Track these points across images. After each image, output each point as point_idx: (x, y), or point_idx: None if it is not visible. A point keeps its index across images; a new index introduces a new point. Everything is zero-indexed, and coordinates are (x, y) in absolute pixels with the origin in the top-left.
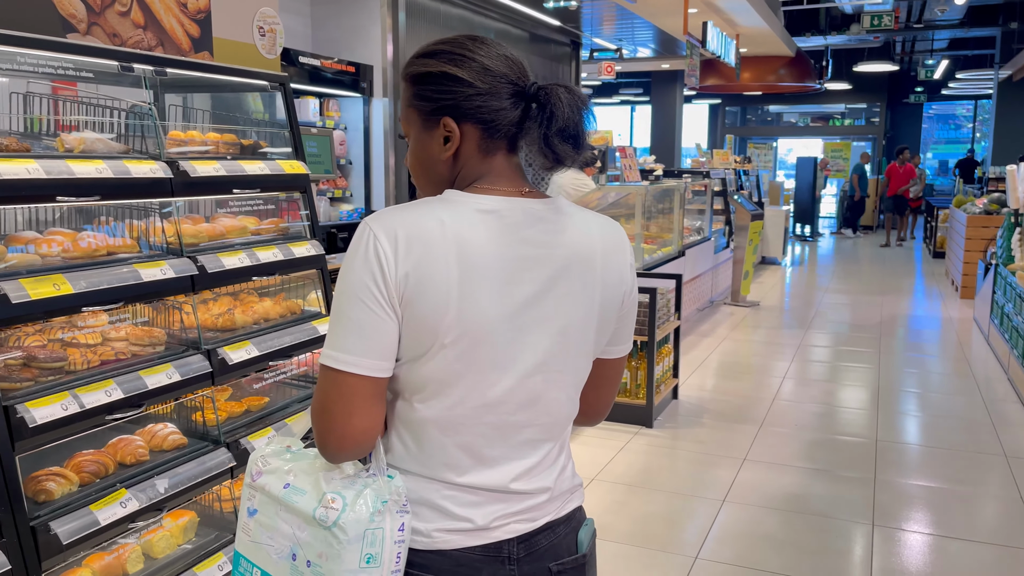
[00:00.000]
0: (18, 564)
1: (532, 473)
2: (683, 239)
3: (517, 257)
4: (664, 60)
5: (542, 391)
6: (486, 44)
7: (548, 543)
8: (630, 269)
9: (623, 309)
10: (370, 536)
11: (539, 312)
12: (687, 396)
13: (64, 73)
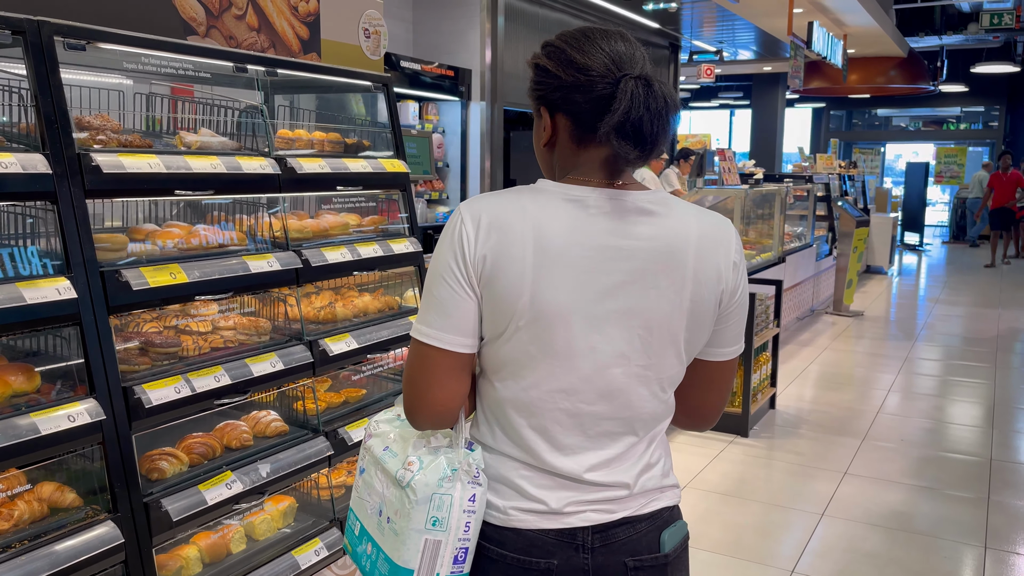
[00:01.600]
0: (131, 538)
1: (610, 465)
2: (783, 245)
3: (601, 246)
4: (766, 62)
5: (623, 384)
6: (590, 37)
7: (626, 537)
8: (733, 268)
9: (724, 309)
10: (437, 500)
11: (621, 304)
12: (785, 406)
13: (184, 74)
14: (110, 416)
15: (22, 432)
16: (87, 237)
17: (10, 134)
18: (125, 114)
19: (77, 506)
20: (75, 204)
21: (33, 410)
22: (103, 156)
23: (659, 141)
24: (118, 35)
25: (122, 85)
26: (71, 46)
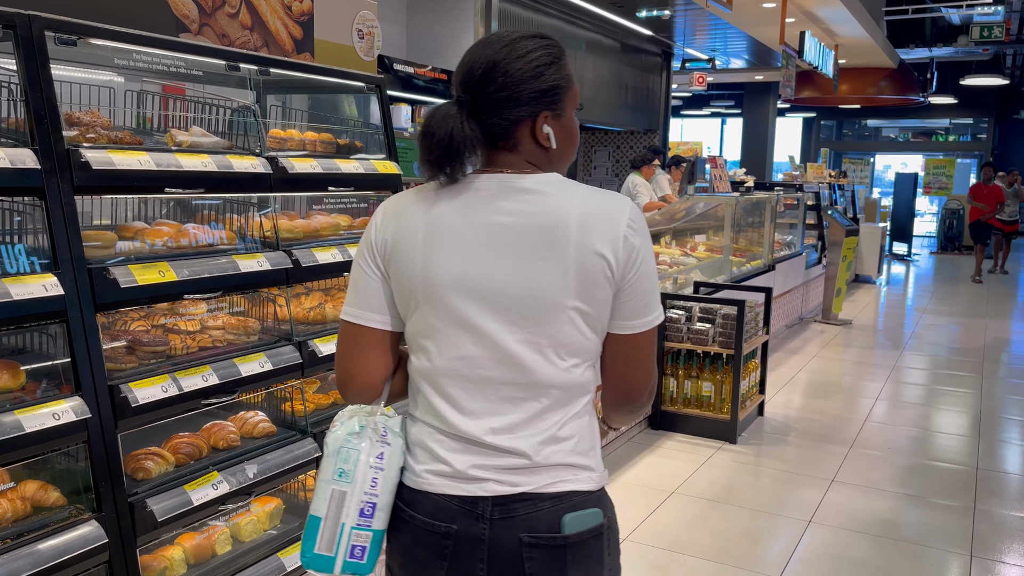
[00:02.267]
0: (115, 538)
1: (513, 431)
2: (773, 253)
3: (485, 223)
4: (758, 71)
5: (516, 350)
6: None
7: (525, 512)
8: (623, 241)
9: (621, 282)
10: (344, 453)
11: (505, 275)
12: (773, 413)
13: (176, 72)
14: (95, 415)
15: (6, 429)
16: (75, 234)
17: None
18: (116, 111)
19: (61, 505)
20: (63, 200)
21: (17, 407)
22: (92, 152)
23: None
24: (110, 31)
25: (113, 82)
26: (62, 41)
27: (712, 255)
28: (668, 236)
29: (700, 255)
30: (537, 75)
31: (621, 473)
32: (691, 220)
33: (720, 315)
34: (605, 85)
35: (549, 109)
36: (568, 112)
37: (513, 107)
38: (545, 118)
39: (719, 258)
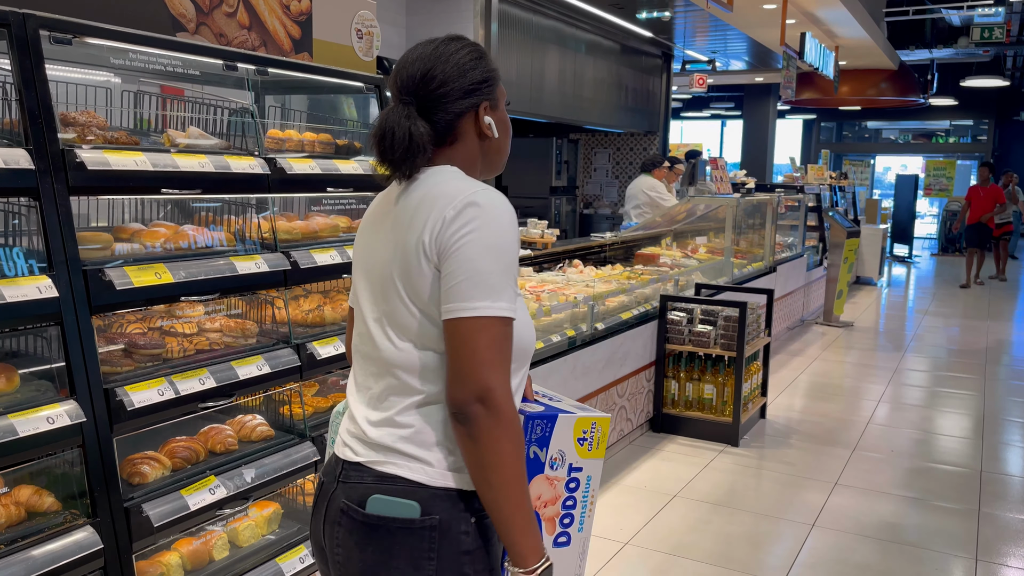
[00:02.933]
0: (111, 544)
1: (369, 404)
2: (774, 255)
3: (386, 212)
4: (758, 73)
5: (372, 328)
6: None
7: (354, 481)
8: (443, 223)
9: (438, 265)
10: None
11: (376, 256)
12: (775, 416)
13: (173, 72)
14: (91, 418)
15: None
16: (70, 235)
17: None
18: (112, 111)
19: (55, 510)
20: (58, 201)
21: (11, 411)
22: (88, 153)
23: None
24: (105, 30)
25: (110, 82)
26: (57, 40)
27: (713, 257)
28: (669, 238)
29: (701, 257)
30: (472, 67)
31: (622, 476)
32: (692, 222)
33: (722, 317)
34: (605, 87)
35: (487, 99)
36: (501, 104)
37: (456, 100)
38: (485, 108)
39: (720, 260)
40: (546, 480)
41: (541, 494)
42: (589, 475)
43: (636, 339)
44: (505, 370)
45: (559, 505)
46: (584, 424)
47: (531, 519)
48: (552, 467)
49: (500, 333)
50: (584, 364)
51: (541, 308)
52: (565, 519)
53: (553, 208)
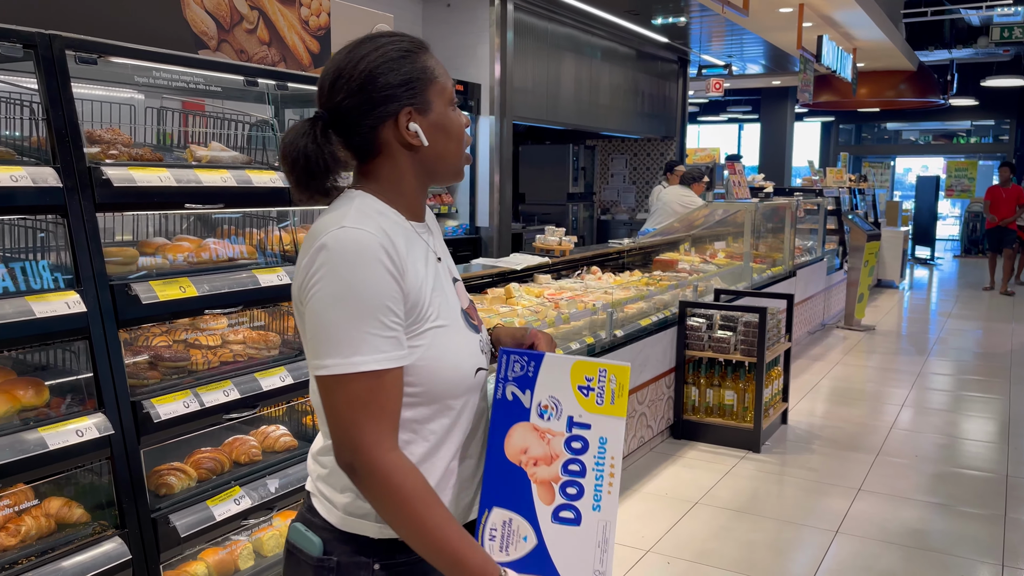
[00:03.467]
0: (138, 554)
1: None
2: (794, 259)
3: None
4: (775, 76)
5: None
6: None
7: (302, 504)
8: (301, 271)
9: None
10: None
11: None
12: (797, 421)
13: (195, 88)
14: (118, 430)
15: (30, 447)
16: (97, 251)
17: (21, 148)
18: (136, 128)
19: (85, 521)
20: (85, 218)
21: (41, 424)
22: (113, 170)
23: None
24: (129, 49)
25: (133, 99)
26: (82, 60)
27: (732, 262)
28: (688, 243)
29: (720, 262)
30: (386, 71)
31: (643, 484)
32: (710, 227)
33: (742, 322)
34: (621, 93)
35: (410, 104)
36: (437, 107)
37: (368, 111)
38: (409, 115)
39: (739, 265)
40: (533, 431)
41: (528, 447)
42: (603, 436)
43: (655, 345)
44: (374, 427)
45: (558, 468)
46: (586, 369)
47: (458, 556)
48: (542, 416)
49: (362, 389)
50: None
51: (560, 316)
52: (569, 487)
53: (570, 214)
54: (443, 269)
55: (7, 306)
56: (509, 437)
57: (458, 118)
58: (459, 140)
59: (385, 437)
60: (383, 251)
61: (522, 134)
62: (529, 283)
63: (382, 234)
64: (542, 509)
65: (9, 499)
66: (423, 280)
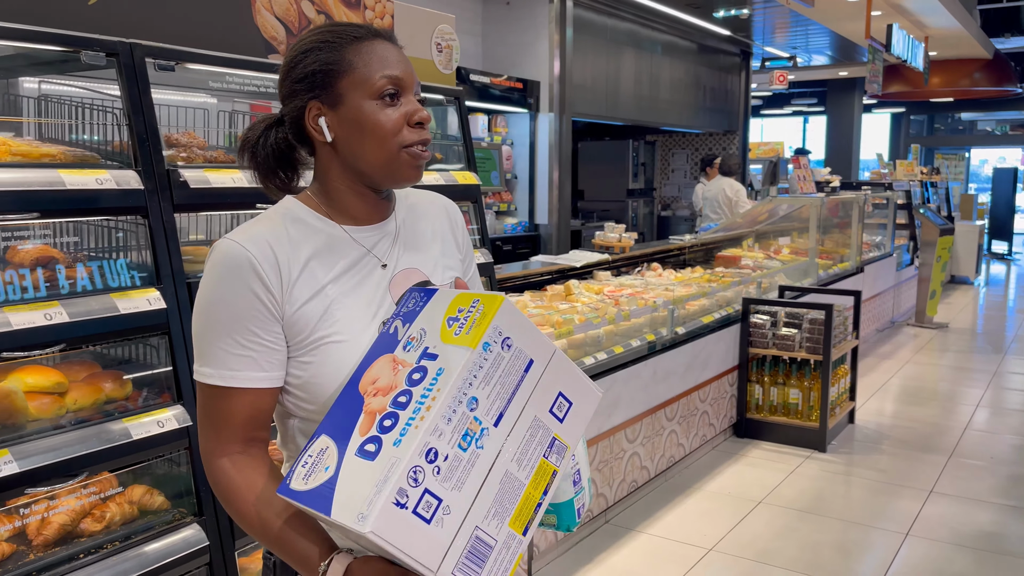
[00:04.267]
0: (215, 541)
1: None
2: (861, 254)
3: None
4: (842, 67)
5: None
6: None
7: None
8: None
9: None
10: None
11: None
12: (864, 421)
13: (265, 91)
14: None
15: (115, 437)
16: (176, 250)
17: (105, 152)
18: (209, 131)
19: (165, 509)
20: (164, 218)
21: (125, 416)
22: (190, 172)
23: (254, 168)
24: (204, 55)
25: (206, 103)
26: (161, 67)
27: (797, 258)
28: (751, 239)
29: (784, 258)
30: (296, 63)
31: (705, 482)
32: (774, 222)
33: (807, 320)
34: (682, 87)
35: (316, 97)
36: (351, 100)
37: (287, 102)
38: (316, 108)
39: (804, 261)
40: (391, 362)
41: (378, 378)
42: (441, 367)
43: (718, 343)
44: (212, 435)
45: (389, 399)
46: (462, 301)
47: (284, 547)
48: (405, 348)
49: (206, 398)
50: (665, 369)
51: (620, 313)
52: (386, 420)
53: (630, 211)
54: (382, 277)
55: (94, 303)
56: (370, 369)
57: (382, 114)
58: (380, 137)
59: (221, 444)
60: (253, 271)
61: (581, 131)
62: (589, 280)
63: (263, 248)
64: (355, 440)
65: (95, 486)
66: (321, 293)
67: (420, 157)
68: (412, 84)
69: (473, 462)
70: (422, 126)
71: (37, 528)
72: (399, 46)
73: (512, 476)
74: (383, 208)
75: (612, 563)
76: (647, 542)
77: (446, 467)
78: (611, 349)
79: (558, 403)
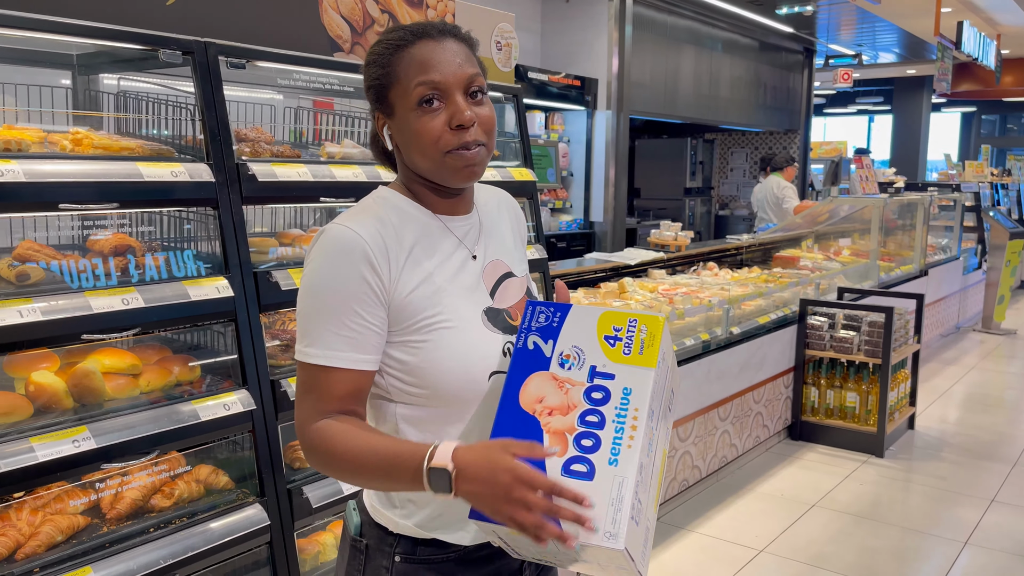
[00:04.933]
0: (276, 521)
1: None
2: (926, 257)
3: None
4: (909, 65)
5: None
6: None
7: None
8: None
9: None
10: None
11: None
12: (925, 427)
13: (329, 88)
14: (259, 406)
15: (185, 417)
16: (243, 240)
17: (178, 145)
18: (276, 126)
19: (229, 488)
20: (233, 210)
21: (194, 398)
22: (258, 165)
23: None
24: (274, 54)
25: (273, 100)
26: (232, 64)
27: (858, 260)
28: (810, 240)
29: (845, 259)
30: (365, 75)
31: (758, 483)
32: (835, 223)
33: (866, 322)
34: (742, 85)
35: (378, 109)
36: (399, 110)
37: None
38: (381, 119)
39: (865, 263)
40: (552, 380)
41: (544, 396)
42: (627, 387)
43: (773, 344)
44: (308, 409)
45: (574, 418)
46: (615, 319)
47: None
48: (563, 365)
49: (308, 376)
50: (719, 368)
51: (674, 312)
52: (584, 439)
53: (687, 209)
54: (474, 267)
55: (167, 289)
56: (526, 386)
57: (420, 123)
58: (422, 146)
59: (317, 416)
60: (363, 256)
61: (639, 128)
62: (643, 278)
63: (373, 235)
64: (553, 461)
65: (165, 464)
66: (429, 279)
67: (463, 159)
68: (457, 83)
69: (654, 463)
70: (463, 128)
71: (111, 502)
72: (450, 39)
73: (654, 467)
74: (464, 201)
75: (661, 560)
76: (697, 541)
77: (646, 477)
78: None
79: (674, 398)
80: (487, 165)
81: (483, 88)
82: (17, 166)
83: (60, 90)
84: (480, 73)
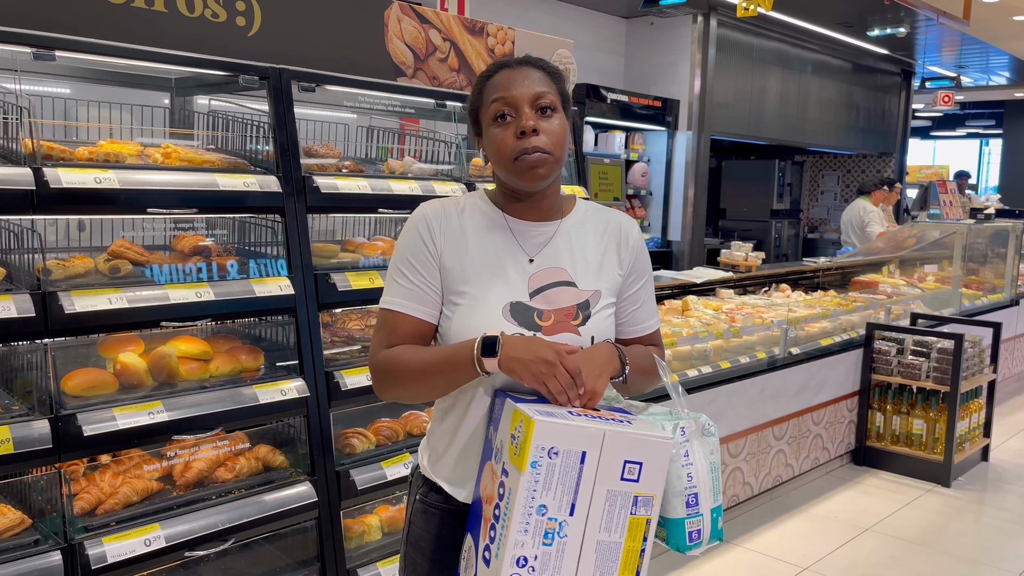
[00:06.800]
0: (324, 499)
1: None
2: (1016, 287)
3: None
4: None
5: None
6: None
7: None
8: None
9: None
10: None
11: None
12: (1001, 460)
13: (393, 109)
14: (314, 394)
15: (246, 399)
16: (306, 245)
17: (254, 159)
18: (348, 144)
19: (284, 467)
20: (298, 217)
21: (256, 383)
22: (322, 179)
23: None
24: (341, 78)
25: (347, 119)
26: (304, 88)
27: (941, 287)
28: (893, 265)
29: (928, 286)
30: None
31: (812, 504)
32: (921, 249)
33: (936, 349)
34: (832, 107)
35: (474, 130)
36: (485, 128)
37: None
38: (478, 139)
39: (947, 289)
40: (490, 471)
41: (486, 485)
42: (510, 488)
43: (836, 366)
44: (378, 341)
45: (491, 508)
46: (516, 418)
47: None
48: (494, 458)
49: (380, 318)
50: (775, 387)
51: (729, 329)
52: (491, 530)
53: (773, 232)
54: (525, 267)
55: (235, 286)
56: (483, 474)
57: (495, 134)
58: (498, 154)
59: (382, 348)
60: (424, 221)
61: (726, 149)
62: (709, 297)
63: (436, 210)
64: (481, 544)
65: (229, 441)
66: (470, 259)
67: (527, 162)
68: (526, 98)
69: (562, 549)
70: (525, 135)
71: (180, 471)
72: (527, 67)
73: (605, 543)
74: (537, 209)
75: (701, 571)
76: (741, 555)
77: (539, 564)
78: (717, 364)
79: (627, 469)
80: (554, 173)
81: (553, 105)
82: (113, 175)
83: (160, 109)
84: (551, 92)
